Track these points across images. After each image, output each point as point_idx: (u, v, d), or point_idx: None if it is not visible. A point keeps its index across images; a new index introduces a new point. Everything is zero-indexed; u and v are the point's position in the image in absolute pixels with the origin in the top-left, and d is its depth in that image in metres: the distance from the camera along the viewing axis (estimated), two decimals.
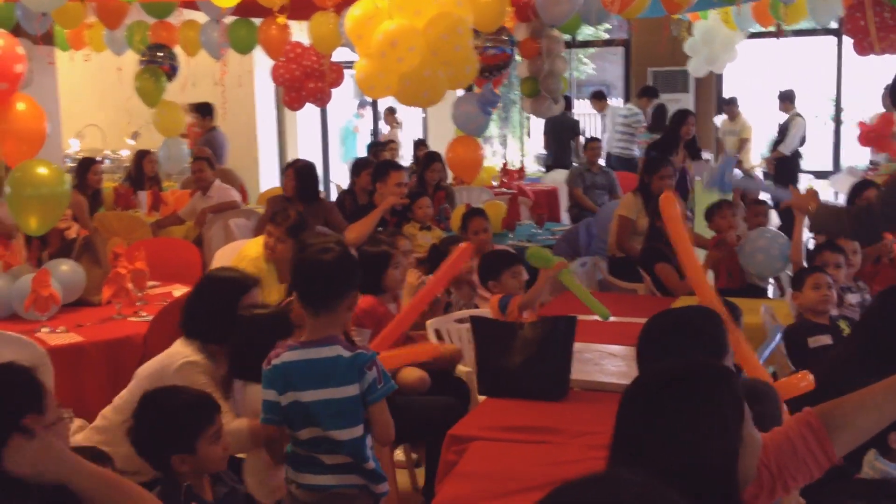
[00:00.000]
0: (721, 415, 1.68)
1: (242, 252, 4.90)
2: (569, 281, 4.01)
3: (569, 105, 10.77)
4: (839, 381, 2.39)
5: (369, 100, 13.15)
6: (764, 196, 5.94)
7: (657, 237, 5.52)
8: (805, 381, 2.32)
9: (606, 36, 15.25)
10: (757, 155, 11.44)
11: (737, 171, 5.75)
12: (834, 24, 10.13)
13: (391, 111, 12.44)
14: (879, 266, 5.14)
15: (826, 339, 3.55)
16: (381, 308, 3.95)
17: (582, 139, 10.38)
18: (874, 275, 4.98)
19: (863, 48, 5.95)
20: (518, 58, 7.00)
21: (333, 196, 9.66)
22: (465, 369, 4.01)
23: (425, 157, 7.35)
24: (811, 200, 3.88)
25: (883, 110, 9.87)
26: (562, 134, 10.77)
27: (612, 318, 4.75)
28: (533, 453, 2.99)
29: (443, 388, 3.94)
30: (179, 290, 4.91)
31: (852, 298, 4.42)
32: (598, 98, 11.09)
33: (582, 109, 17.83)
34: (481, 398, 3.61)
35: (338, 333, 2.77)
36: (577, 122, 11.20)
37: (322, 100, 7.10)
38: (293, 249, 4.49)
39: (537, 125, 17.32)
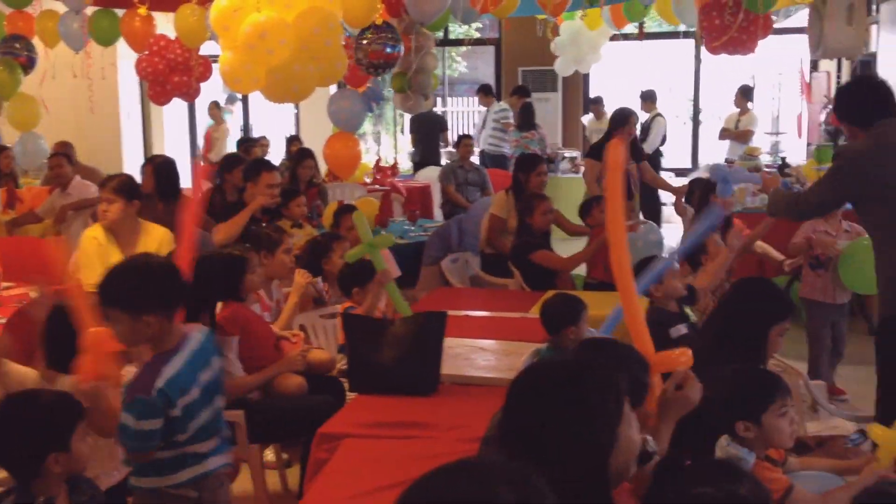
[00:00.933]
0: (597, 413, 1.71)
1: (83, 237, 4.69)
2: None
3: (437, 102, 10.84)
4: (698, 369, 2.50)
5: (239, 95, 12.89)
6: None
7: (527, 232, 5.64)
8: (685, 356, 2.38)
9: (478, 35, 15.45)
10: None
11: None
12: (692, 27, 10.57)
13: (216, 105, 12.06)
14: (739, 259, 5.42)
15: (684, 329, 3.69)
16: (244, 312, 3.85)
17: (450, 135, 10.48)
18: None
19: (712, 48, 6.23)
20: None
21: None
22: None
23: (298, 153, 7.25)
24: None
25: (736, 109, 10.39)
26: (429, 131, 10.85)
27: (484, 313, 4.86)
28: (403, 448, 3.00)
29: (320, 386, 3.92)
30: (36, 292, 4.69)
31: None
32: (486, 93, 11.17)
33: (455, 107, 18.02)
34: (352, 395, 3.60)
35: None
36: (443, 119, 11.26)
37: (189, 94, 6.92)
38: (126, 211, 4.48)
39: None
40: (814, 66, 9.76)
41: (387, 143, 17.36)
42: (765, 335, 2.95)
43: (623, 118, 6.93)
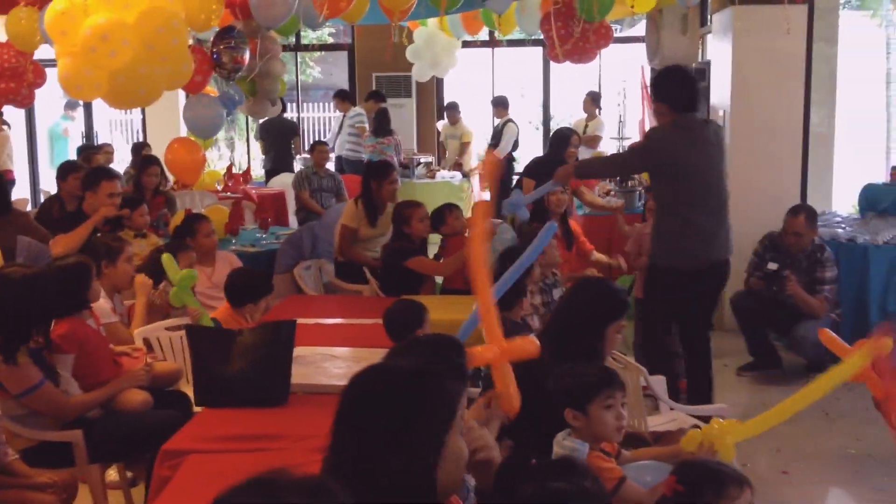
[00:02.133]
0: (421, 422, 1.66)
1: None
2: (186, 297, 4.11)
3: (285, 108, 10.70)
4: (541, 366, 2.56)
5: (80, 101, 12.35)
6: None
7: (400, 237, 5.63)
8: (532, 344, 2.43)
9: (332, 40, 15.37)
10: (475, 158, 12.00)
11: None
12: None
13: None
14: (570, 254, 5.61)
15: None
16: (81, 328, 3.68)
17: (307, 141, 10.37)
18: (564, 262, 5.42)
19: (554, 56, 6.41)
20: None
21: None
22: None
23: (142, 160, 7.00)
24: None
25: (585, 115, 10.73)
26: (280, 137, 10.71)
27: (337, 321, 4.82)
28: (252, 462, 2.92)
29: (167, 401, 3.79)
30: None
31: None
32: (342, 99, 11.09)
33: (310, 112, 17.86)
34: (199, 409, 3.50)
35: None
36: (294, 124, 11.12)
37: (22, 101, 6.56)
38: None
39: None
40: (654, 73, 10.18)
41: (240, 150, 17.03)
42: (602, 333, 3.05)
43: (565, 138, 6.92)
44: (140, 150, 9.10)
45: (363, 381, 1.74)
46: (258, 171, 11.75)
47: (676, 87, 4.60)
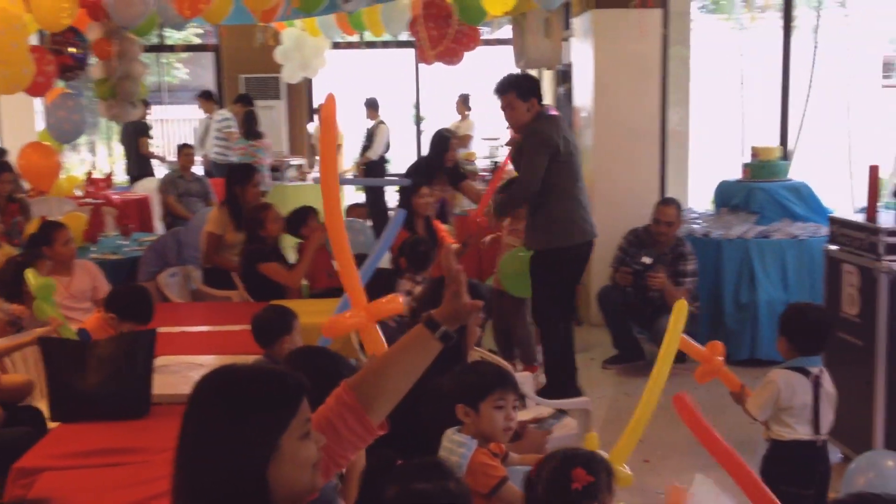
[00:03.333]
0: (249, 425, 1.58)
1: None
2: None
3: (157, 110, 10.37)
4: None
5: None
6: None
7: (255, 240, 5.55)
8: (393, 302, 2.42)
9: (199, 40, 15.01)
10: (349, 160, 11.96)
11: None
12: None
13: None
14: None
15: None
16: None
17: (151, 141, 10.13)
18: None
19: (424, 58, 6.46)
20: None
21: None
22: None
23: None
24: None
25: (457, 116, 10.85)
26: (138, 140, 10.41)
27: (204, 328, 4.72)
28: (110, 477, 2.85)
29: (17, 417, 3.62)
30: None
31: None
32: (206, 99, 10.81)
33: (178, 114, 17.41)
34: (54, 425, 3.37)
35: None
36: (145, 125, 10.78)
37: None
38: None
39: None
40: None
41: (103, 154, 16.47)
42: (464, 327, 3.10)
43: (444, 140, 6.84)
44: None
45: (197, 389, 1.66)
46: (122, 177, 11.37)
47: (530, 80, 5.17)
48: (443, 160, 6.71)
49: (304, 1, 5.06)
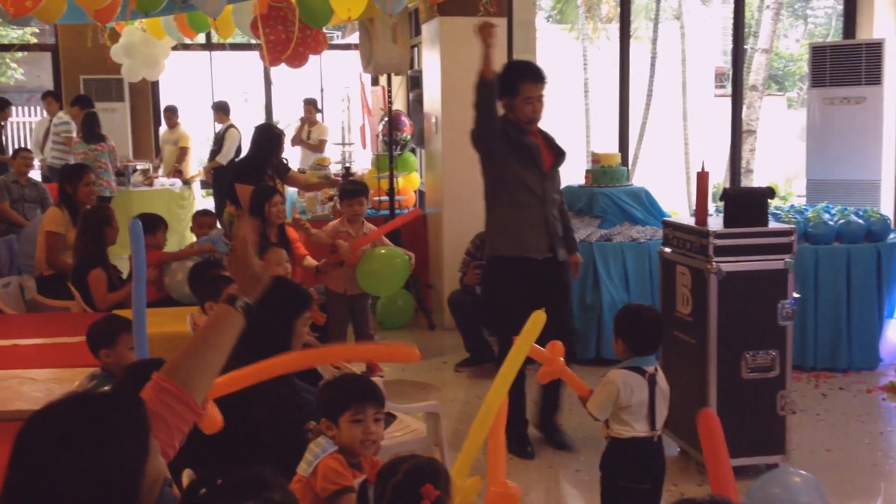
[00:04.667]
0: (116, 454, 1.54)
1: None
2: None
3: None
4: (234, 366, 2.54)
5: None
6: None
7: (96, 245, 5.36)
8: None
9: (35, 40, 14.32)
10: (196, 164, 11.66)
11: None
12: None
13: None
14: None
15: None
16: None
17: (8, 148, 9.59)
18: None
19: (268, 60, 6.38)
20: None
21: None
22: None
23: None
24: None
25: (308, 120, 10.76)
26: None
27: (38, 340, 4.50)
28: None
29: None
30: None
31: None
32: (53, 98, 10.28)
33: (16, 117, 16.51)
34: None
35: None
36: None
37: None
38: None
39: None
40: (374, 81, 10.41)
41: None
42: (291, 328, 3.18)
43: (278, 137, 6.73)
44: None
45: (35, 426, 1.56)
46: None
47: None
48: (273, 157, 6.65)
49: (140, 1, 4.90)
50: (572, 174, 9.16)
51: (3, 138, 10.11)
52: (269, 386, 2.80)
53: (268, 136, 6.74)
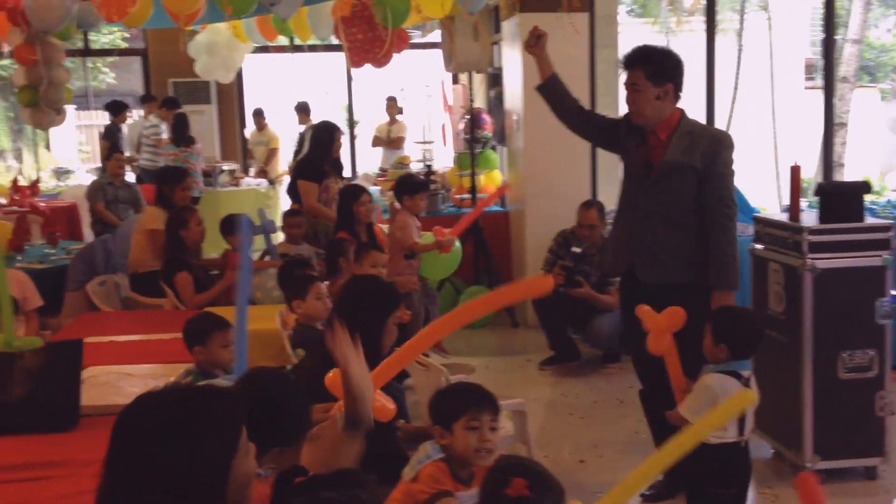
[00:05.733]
0: (207, 446, 1.61)
1: None
2: None
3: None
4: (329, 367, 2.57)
5: None
6: None
7: (178, 248, 5.49)
8: (386, 408, 2.53)
9: (125, 45, 14.76)
10: (284, 164, 11.87)
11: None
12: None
13: None
14: None
15: None
16: None
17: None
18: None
19: (351, 61, 6.44)
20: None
21: None
22: None
23: None
24: None
25: (387, 118, 10.85)
26: None
27: (134, 337, 4.63)
28: (33, 491, 2.77)
29: None
30: None
31: None
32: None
33: (104, 119, 17.06)
34: None
35: None
36: None
37: None
38: None
39: (57, 136, 16.24)
40: (454, 80, 10.42)
41: (30, 161, 16.08)
42: (381, 326, 3.11)
43: (331, 130, 6.79)
44: None
45: (134, 412, 1.65)
46: (50, 183, 11.12)
47: (680, 68, 3.93)
48: (330, 153, 6.73)
49: (235, 5, 4.98)
50: None
51: (120, 140, 10.42)
52: None
53: (325, 134, 6.85)
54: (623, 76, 3.94)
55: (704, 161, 3.81)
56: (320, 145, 6.79)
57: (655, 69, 3.83)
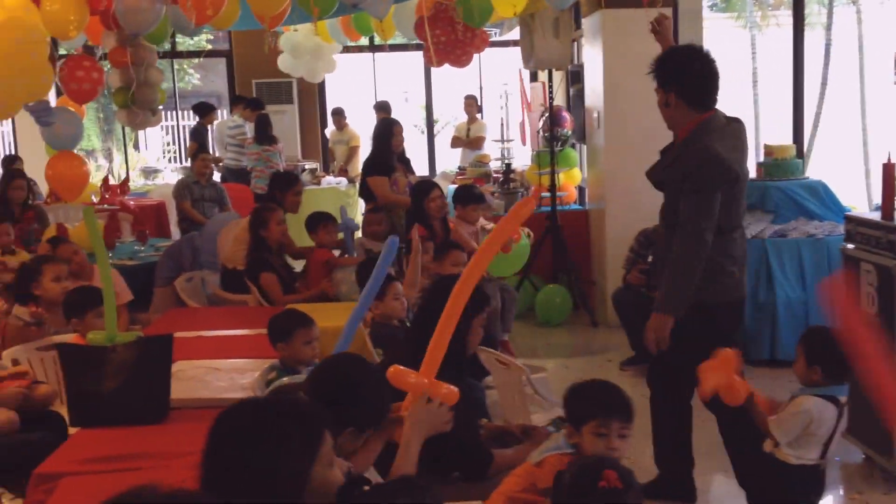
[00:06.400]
0: (288, 451, 1.75)
1: None
2: None
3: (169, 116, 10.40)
4: (410, 366, 2.58)
5: None
6: None
7: (261, 247, 5.58)
8: (452, 392, 2.53)
9: (210, 47, 15.09)
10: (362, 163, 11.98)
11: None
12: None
13: None
14: None
15: None
16: None
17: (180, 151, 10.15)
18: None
19: (430, 60, 6.46)
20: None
21: None
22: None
23: (4, 175, 6.72)
24: None
25: (466, 117, 10.85)
26: None
27: (220, 332, 4.73)
28: (129, 482, 2.84)
29: (38, 422, 3.66)
30: None
31: None
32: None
33: (188, 120, 17.48)
34: (74, 430, 3.39)
35: None
36: None
37: None
38: None
39: (145, 136, 16.72)
40: (533, 77, 10.38)
41: (119, 160, 16.56)
42: (467, 327, 3.05)
43: (388, 125, 6.90)
44: (11, 164, 8.74)
45: (230, 416, 1.84)
46: (138, 183, 11.44)
47: (681, 70, 3.66)
48: (391, 147, 6.80)
49: (318, 4, 5.05)
50: None
51: (208, 141, 10.70)
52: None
53: (383, 129, 6.98)
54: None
55: (681, 177, 3.60)
56: (380, 141, 6.97)
57: (659, 75, 3.67)
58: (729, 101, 3.98)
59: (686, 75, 3.62)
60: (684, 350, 3.50)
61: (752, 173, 6.63)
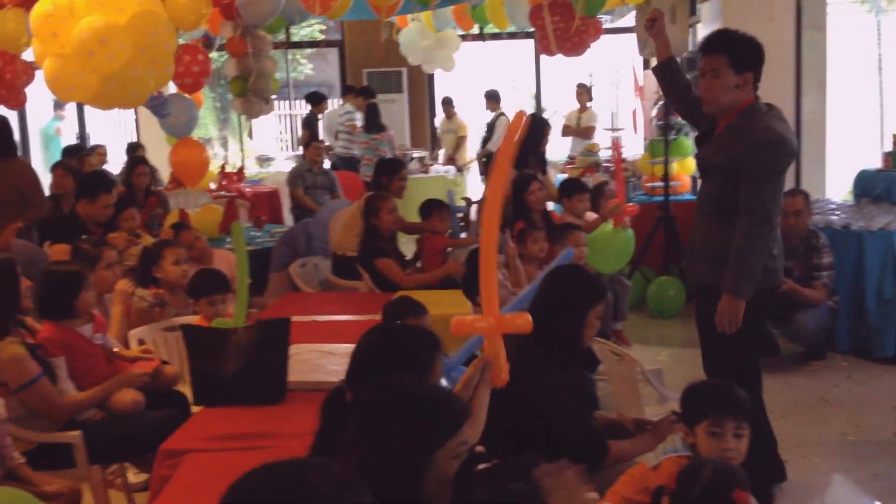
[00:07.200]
0: (413, 438, 1.77)
1: None
2: None
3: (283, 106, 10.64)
4: (521, 358, 2.56)
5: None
6: None
7: (374, 234, 5.65)
8: (525, 320, 2.40)
9: (322, 37, 15.36)
10: (472, 152, 12.01)
11: None
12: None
13: None
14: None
15: None
16: (67, 334, 3.68)
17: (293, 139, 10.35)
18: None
19: (546, 49, 6.39)
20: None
21: None
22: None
23: (129, 161, 6.99)
24: None
25: (577, 106, 10.74)
26: None
27: (333, 317, 4.82)
28: (249, 460, 2.85)
29: (162, 401, 3.80)
30: None
31: None
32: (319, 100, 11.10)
33: (300, 110, 17.85)
34: (197, 409, 3.50)
35: None
36: None
37: (12, 101, 6.55)
38: None
39: (259, 125, 17.13)
40: (646, 65, 10.17)
41: (234, 149, 17.04)
42: (583, 319, 3.00)
43: (541, 124, 6.89)
44: (134, 151, 9.10)
45: (374, 393, 1.86)
46: (252, 170, 11.75)
47: (761, 58, 3.64)
48: (537, 145, 6.66)
49: None
50: (866, 157, 8.50)
51: (318, 129, 10.91)
52: (558, 378, 2.80)
53: (537, 125, 6.80)
54: (709, 61, 3.61)
55: (738, 161, 3.54)
56: (530, 136, 6.80)
57: (738, 57, 3.57)
58: (853, 88, 3.83)
59: (763, 60, 3.63)
60: (736, 334, 3.56)
61: (879, 163, 6.37)
